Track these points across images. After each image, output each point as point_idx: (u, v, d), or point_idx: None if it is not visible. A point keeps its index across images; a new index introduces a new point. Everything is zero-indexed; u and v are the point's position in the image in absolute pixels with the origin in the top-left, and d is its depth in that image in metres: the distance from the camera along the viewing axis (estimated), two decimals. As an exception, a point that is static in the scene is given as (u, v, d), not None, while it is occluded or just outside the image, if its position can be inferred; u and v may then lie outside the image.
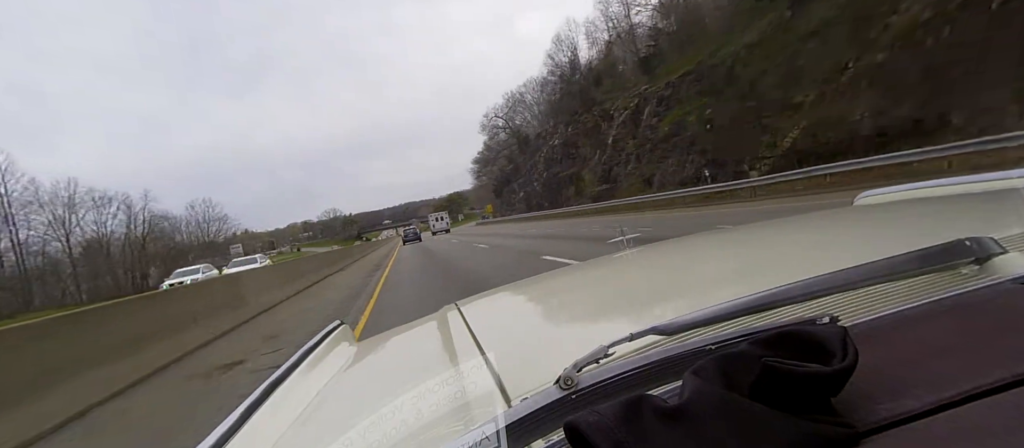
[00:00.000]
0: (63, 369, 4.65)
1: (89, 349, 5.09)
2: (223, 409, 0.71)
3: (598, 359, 0.43)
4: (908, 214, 1.04)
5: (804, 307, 0.50)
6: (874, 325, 0.45)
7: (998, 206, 0.82)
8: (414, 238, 42.28)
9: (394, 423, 0.46)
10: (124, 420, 4.31)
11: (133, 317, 6.33)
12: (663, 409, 0.32)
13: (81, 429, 4.21)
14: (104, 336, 5.46)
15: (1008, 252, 0.53)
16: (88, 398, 4.64)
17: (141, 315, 6.54)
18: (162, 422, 4.04)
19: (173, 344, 6.36)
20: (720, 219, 10.38)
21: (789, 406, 0.32)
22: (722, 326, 0.47)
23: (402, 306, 7.46)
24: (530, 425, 0.39)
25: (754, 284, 0.50)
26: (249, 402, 0.62)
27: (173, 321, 6.79)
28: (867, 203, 1.22)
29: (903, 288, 0.52)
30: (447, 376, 0.58)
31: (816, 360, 0.34)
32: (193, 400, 4.41)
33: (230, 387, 4.51)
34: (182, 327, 6.84)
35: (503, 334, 0.83)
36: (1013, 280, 0.48)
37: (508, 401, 0.50)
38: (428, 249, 23.06)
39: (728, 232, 1.38)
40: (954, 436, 0.31)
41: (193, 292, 9.61)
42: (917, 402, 0.33)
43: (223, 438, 0.55)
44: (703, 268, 1.02)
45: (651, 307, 0.77)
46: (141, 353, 5.70)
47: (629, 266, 1.16)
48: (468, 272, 10.53)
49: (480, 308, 1.03)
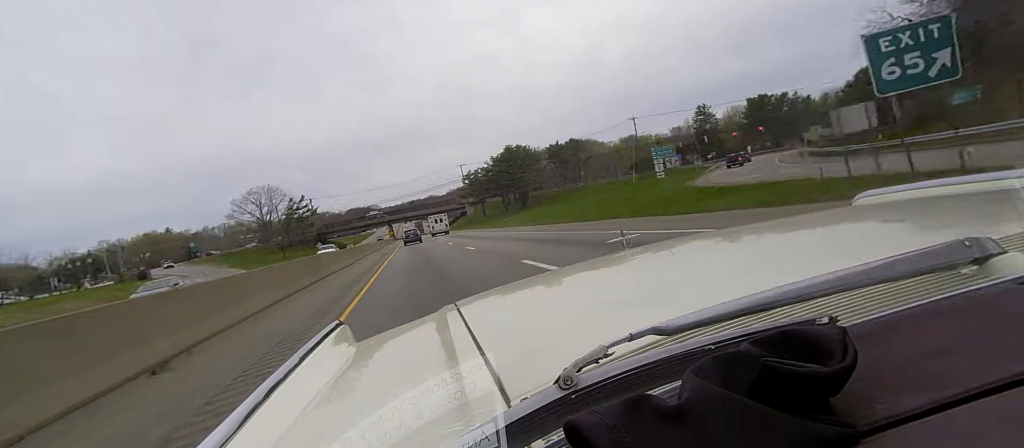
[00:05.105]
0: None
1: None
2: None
3: (598, 359, 0.43)
4: (907, 214, 1.04)
5: (804, 307, 0.50)
6: (874, 325, 0.45)
7: (997, 206, 0.82)
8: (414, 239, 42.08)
9: (394, 423, 0.46)
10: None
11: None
12: (663, 409, 0.32)
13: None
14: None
15: (1007, 252, 0.53)
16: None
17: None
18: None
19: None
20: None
21: (789, 406, 0.32)
22: (722, 326, 0.47)
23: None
24: (530, 425, 0.39)
25: (754, 284, 0.51)
26: (250, 403, 0.62)
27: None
28: (866, 203, 1.22)
29: (902, 288, 0.52)
30: (447, 376, 0.59)
31: (816, 360, 0.34)
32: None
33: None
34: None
35: (503, 334, 0.83)
36: (1012, 280, 0.48)
37: (508, 401, 0.50)
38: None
39: (728, 232, 1.38)
40: (954, 436, 0.31)
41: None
42: (917, 402, 0.33)
43: (224, 439, 0.55)
44: (702, 268, 1.02)
45: (651, 307, 0.77)
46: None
47: (629, 266, 1.16)
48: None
49: (480, 308, 1.03)
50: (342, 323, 1.00)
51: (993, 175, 0.91)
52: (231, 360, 5.92)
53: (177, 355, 6.39)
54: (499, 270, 9.43)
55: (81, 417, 4.46)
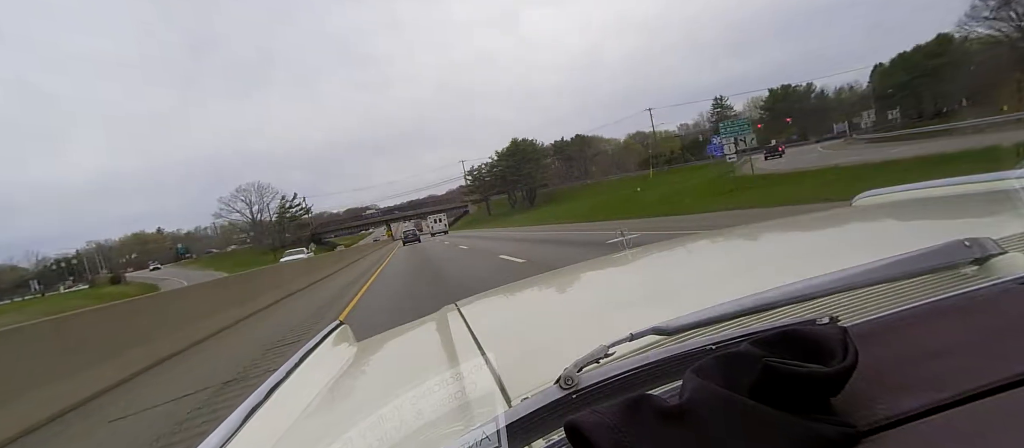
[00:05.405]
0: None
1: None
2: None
3: (598, 359, 0.43)
4: (907, 215, 1.04)
5: (804, 307, 0.50)
6: (874, 325, 0.45)
7: (997, 206, 0.82)
8: (413, 239, 42.18)
9: (395, 423, 0.46)
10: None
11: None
12: (664, 409, 0.32)
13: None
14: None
15: (1007, 253, 0.53)
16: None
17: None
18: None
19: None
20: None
21: (789, 406, 0.32)
22: (722, 326, 0.47)
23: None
24: (531, 425, 0.39)
25: (754, 284, 0.51)
26: (250, 403, 0.62)
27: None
28: (866, 203, 1.22)
29: (903, 288, 0.52)
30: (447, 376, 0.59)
31: (816, 360, 0.34)
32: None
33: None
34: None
35: (503, 334, 0.83)
36: (1013, 281, 0.48)
37: (508, 401, 0.50)
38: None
39: (728, 233, 1.38)
40: (954, 436, 0.31)
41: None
42: (917, 402, 0.33)
43: (224, 439, 0.55)
44: (703, 268, 1.02)
45: (651, 307, 0.77)
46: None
47: (629, 266, 1.16)
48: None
49: (480, 308, 1.03)
50: (342, 323, 1.00)
51: (993, 175, 0.91)
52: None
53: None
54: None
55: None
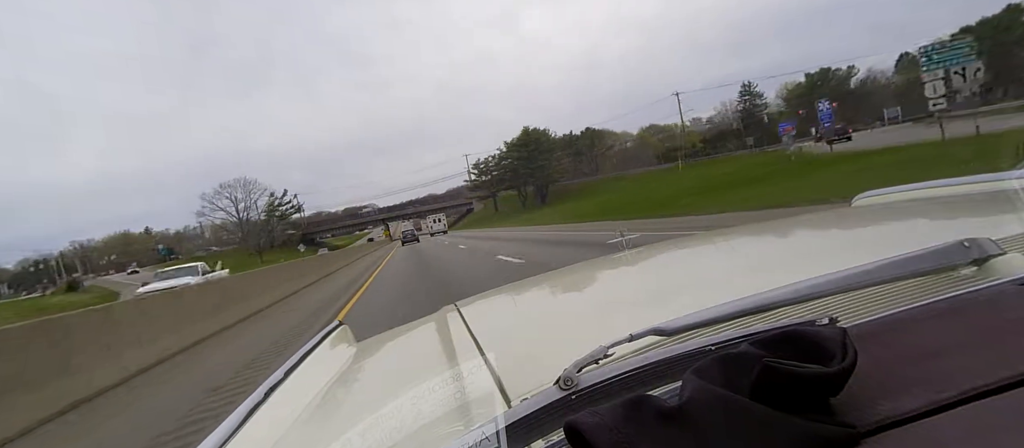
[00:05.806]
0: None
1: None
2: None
3: (598, 360, 0.43)
4: (906, 215, 1.04)
5: (804, 308, 0.50)
6: (874, 326, 0.45)
7: (997, 206, 0.82)
8: (412, 239, 42.31)
9: (394, 423, 0.46)
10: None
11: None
12: (663, 409, 0.32)
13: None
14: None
15: (1007, 253, 0.53)
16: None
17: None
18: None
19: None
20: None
21: (789, 406, 0.32)
22: (722, 327, 0.47)
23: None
24: (530, 425, 0.39)
25: (754, 285, 0.51)
26: (250, 403, 0.62)
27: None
28: (866, 203, 1.22)
29: (902, 289, 0.52)
30: (447, 377, 0.59)
31: (816, 361, 0.34)
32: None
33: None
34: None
35: (503, 335, 0.83)
36: (1012, 281, 0.48)
37: (508, 401, 0.50)
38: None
39: (728, 233, 1.38)
40: (954, 436, 0.31)
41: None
42: (917, 402, 0.33)
43: (224, 439, 0.55)
44: (702, 269, 1.02)
45: (651, 308, 0.77)
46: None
47: (629, 267, 1.16)
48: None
49: (479, 309, 1.03)
50: (342, 323, 1.00)
51: (993, 175, 0.91)
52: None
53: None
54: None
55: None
